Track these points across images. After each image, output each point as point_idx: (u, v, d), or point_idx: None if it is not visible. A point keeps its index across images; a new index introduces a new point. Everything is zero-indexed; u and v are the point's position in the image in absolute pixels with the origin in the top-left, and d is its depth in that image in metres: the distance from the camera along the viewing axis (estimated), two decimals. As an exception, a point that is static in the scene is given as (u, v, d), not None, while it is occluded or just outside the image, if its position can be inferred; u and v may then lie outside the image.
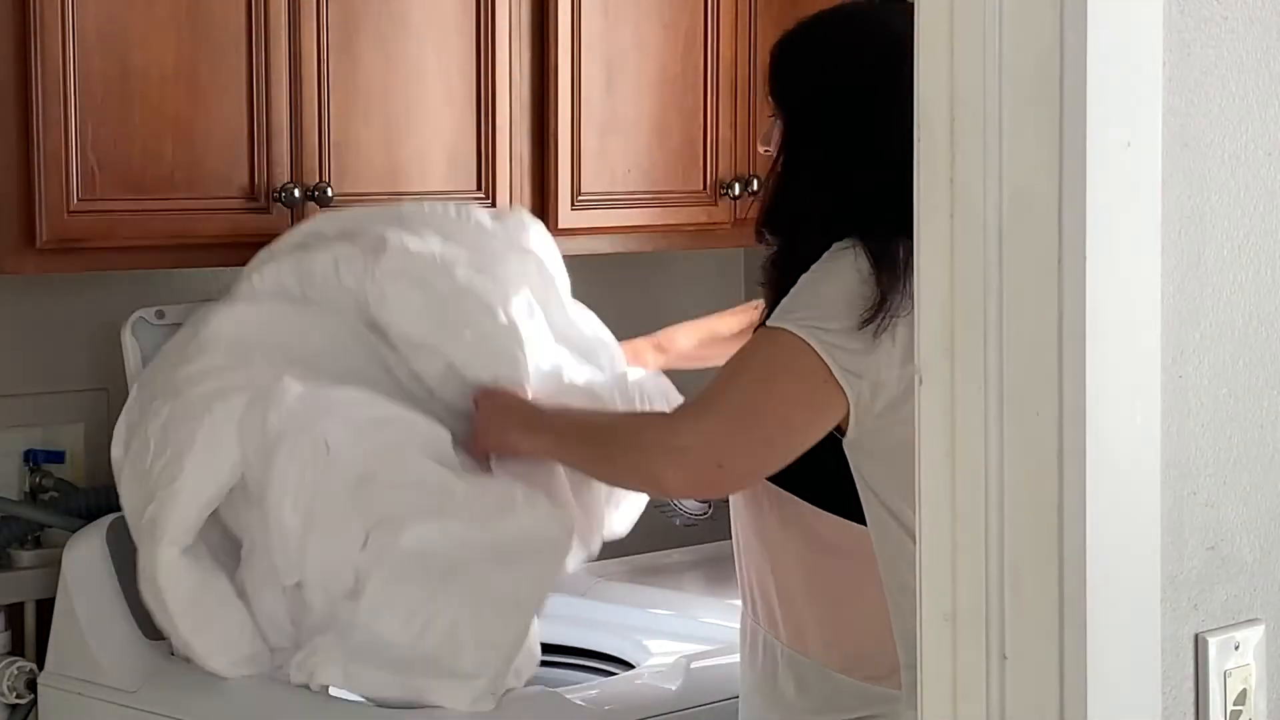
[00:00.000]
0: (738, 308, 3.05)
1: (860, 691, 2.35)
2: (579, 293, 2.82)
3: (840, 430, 2.28)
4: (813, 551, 2.37)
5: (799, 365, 2.25)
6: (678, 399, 2.78)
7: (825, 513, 2.35)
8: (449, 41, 2.92)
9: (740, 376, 2.31)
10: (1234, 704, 1.56)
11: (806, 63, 2.40)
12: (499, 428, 2.58)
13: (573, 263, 2.89)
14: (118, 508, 2.76)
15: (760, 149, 2.55)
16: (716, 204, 3.24)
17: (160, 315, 2.73)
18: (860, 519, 2.31)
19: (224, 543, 2.58)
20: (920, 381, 1.53)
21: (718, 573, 3.24)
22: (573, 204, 3.07)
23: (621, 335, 3.25)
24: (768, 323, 2.30)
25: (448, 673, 2.42)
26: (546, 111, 3.05)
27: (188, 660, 2.56)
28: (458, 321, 2.61)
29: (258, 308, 2.62)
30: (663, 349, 2.97)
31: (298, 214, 2.74)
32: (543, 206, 3.04)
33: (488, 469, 2.58)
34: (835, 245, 2.28)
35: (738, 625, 2.85)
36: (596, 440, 2.49)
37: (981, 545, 1.48)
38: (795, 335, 2.25)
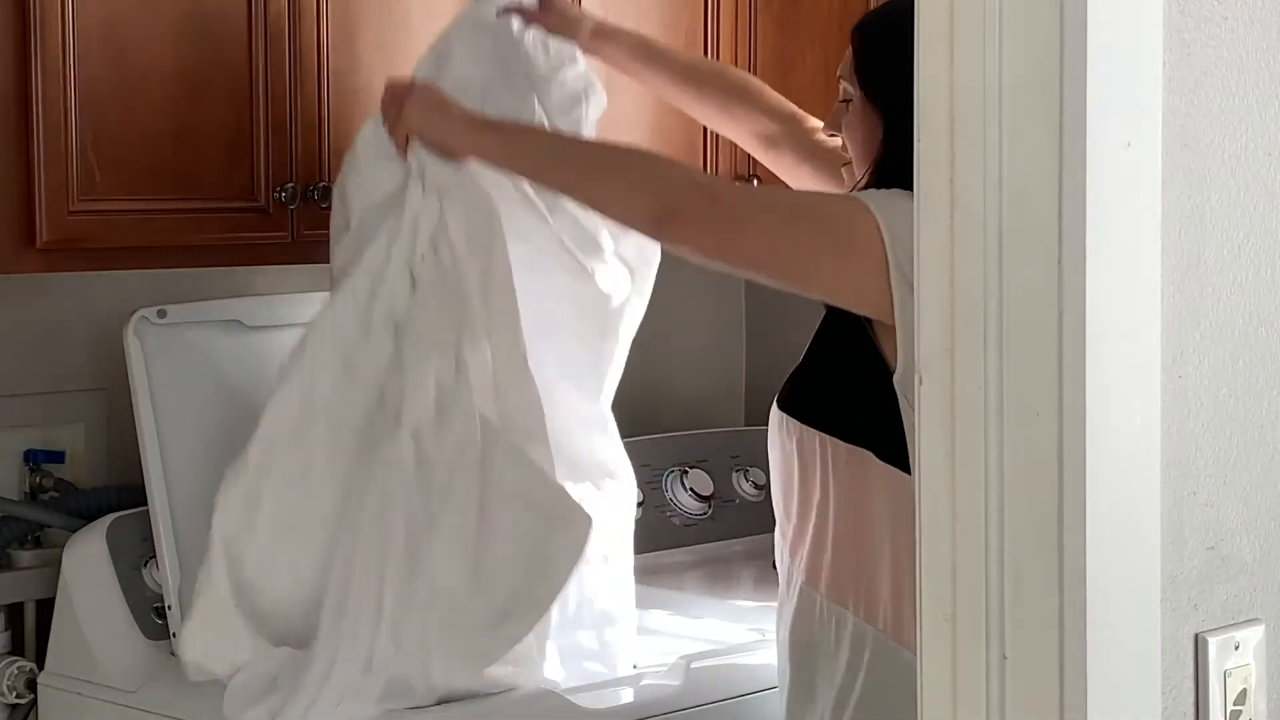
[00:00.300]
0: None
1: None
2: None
3: (889, 367, 2.26)
4: (888, 510, 2.29)
5: (856, 226, 2.20)
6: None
7: (889, 465, 2.28)
8: (449, 41, 2.92)
9: (796, 193, 2.27)
10: (1234, 704, 1.56)
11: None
12: (436, 116, 2.46)
13: (573, 263, 2.88)
14: (118, 508, 2.77)
15: (825, 134, 2.50)
16: (716, 204, 3.24)
17: (161, 315, 2.73)
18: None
19: None
20: (920, 381, 1.53)
21: (718, 573, 3.24)
22: (573, 204, 3.07)
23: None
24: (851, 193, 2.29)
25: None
26: (546, 111, 3.04)
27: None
28: None
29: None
30: (603, 35, 2.75)
31: (298, 214, 2.74)
32: (543, 206, 3.04)
33: (403, 155, 2.45)
34: None
35: (739, 625, 2.84)
36: (602, 158, 2.39)
37: (981, 545, 1.48)
38: (870, 212, 2.22)
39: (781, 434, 2.41)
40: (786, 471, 2.41)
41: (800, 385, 2.40)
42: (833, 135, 2.46)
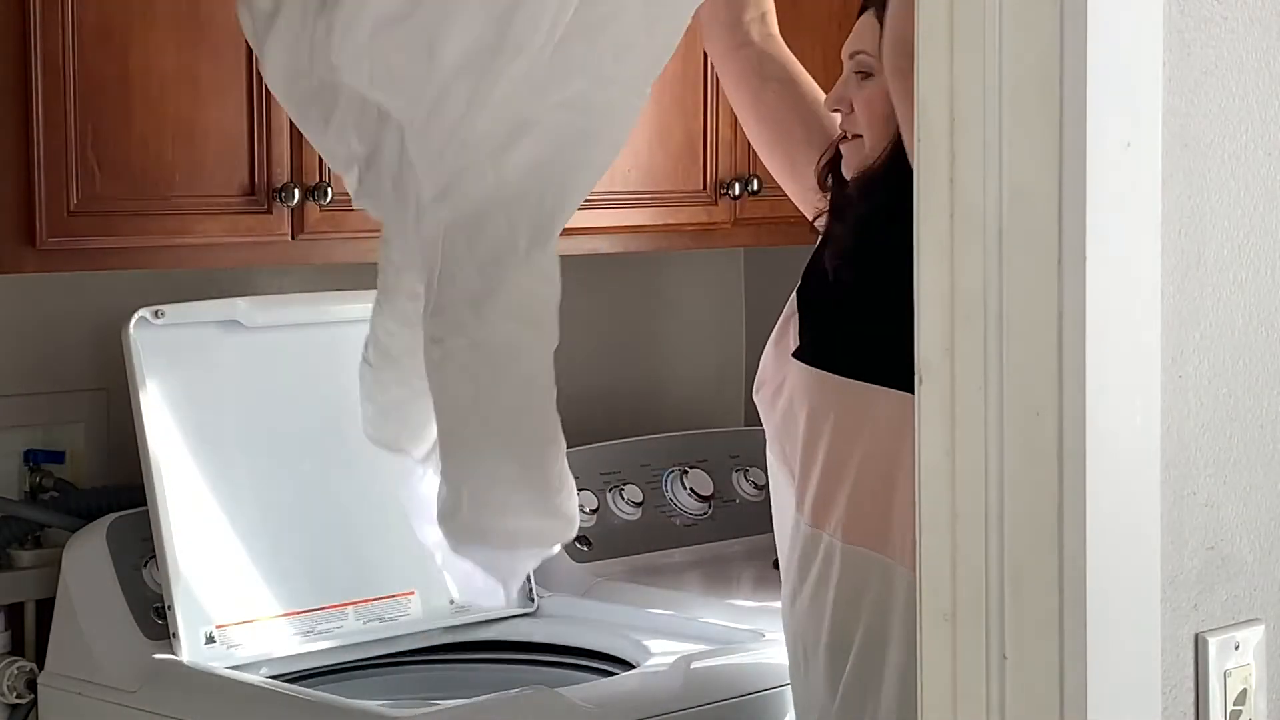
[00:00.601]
0: None
1: None
2: (579, 293, 2.78)
3: None
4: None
5: None
6: None
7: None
8: (449, 41, 2.91)
9: None
10: (1234, 704, 1.56)
11: None
12: None
13: (573, 263, 2.88)
14: (118, 508, 2.77)
15: (832, 109, 2.41)
16: (716, 204, 3.24)
17: (159, 315, 2.73)
18: None
19: None
20: (920, 381, 1.53)
21: (718, 573, 3.24)
22: (573, 204, 3.06)
23: (620, 336, 3.24)
24: None
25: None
26: (546, 111, 3.04)
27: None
28: None
29: None
30: None
31: (297, 214, 2.74)
32: (543, 206, 3.03)
33: None
34: None
35: (739, 625, 2.84)
36: None
37: (981, 545, 1.48)
38: None
39: (811, 391, 2.32)
40: (812, 428, 2.31)
41: (835, 338, 2.32)
42: (835, 111, 2.39)
